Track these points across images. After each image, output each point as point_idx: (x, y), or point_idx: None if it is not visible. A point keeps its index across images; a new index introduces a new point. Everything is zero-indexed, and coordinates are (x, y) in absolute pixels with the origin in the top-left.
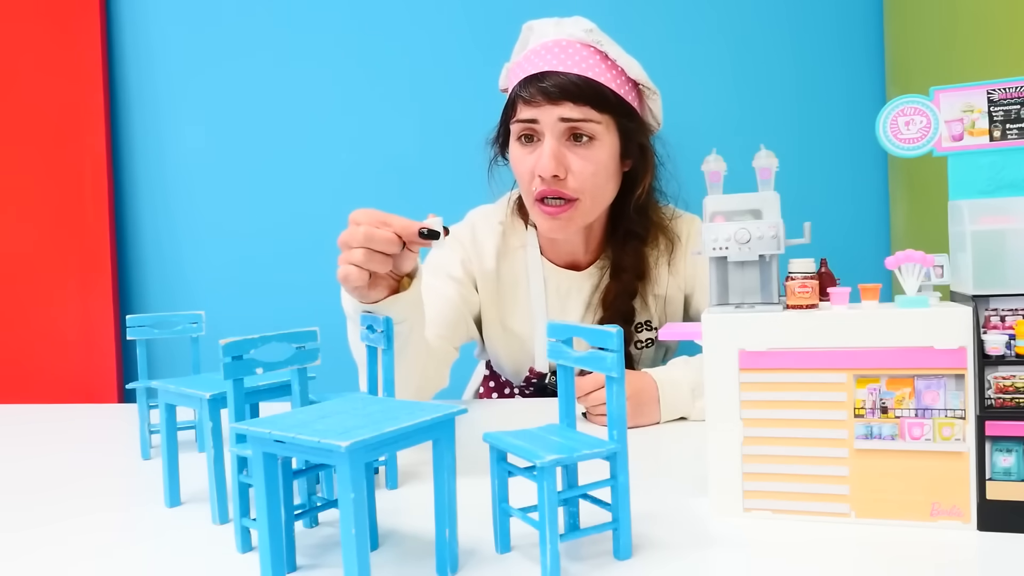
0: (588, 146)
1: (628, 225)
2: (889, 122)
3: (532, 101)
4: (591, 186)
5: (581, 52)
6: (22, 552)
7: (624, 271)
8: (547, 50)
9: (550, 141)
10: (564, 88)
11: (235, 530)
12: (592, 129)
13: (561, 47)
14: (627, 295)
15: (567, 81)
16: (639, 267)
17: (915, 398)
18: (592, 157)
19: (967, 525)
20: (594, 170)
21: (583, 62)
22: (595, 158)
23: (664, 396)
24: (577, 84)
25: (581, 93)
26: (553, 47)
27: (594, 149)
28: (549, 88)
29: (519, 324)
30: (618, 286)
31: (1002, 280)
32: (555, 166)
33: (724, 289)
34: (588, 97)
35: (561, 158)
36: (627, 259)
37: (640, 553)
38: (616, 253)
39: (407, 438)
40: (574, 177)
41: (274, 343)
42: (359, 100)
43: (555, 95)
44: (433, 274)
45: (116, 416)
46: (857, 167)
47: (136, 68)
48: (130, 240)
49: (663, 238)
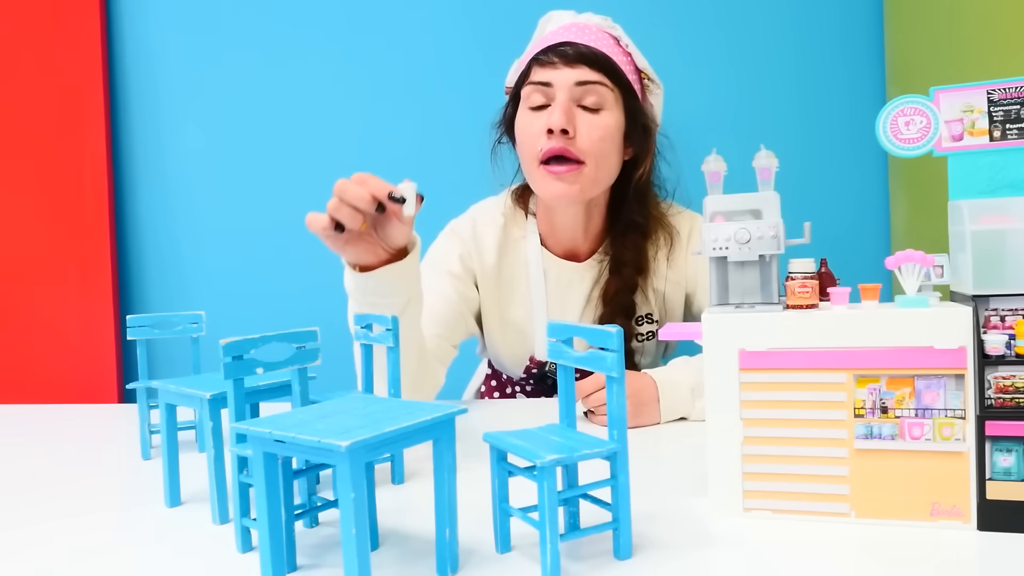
0: (597, 113)
1: (628, 215)
2: (889, 122)
3: (549, 63)
4: (597, 151)
5: (598, 33)
6: (22, 552)
7: (624, 265)
8: (565, 29)
9: (563, 99)
10: (582, 53)
11: (235, 530)
12: (603, 95)
13: (579, 27)
14: (628, 290)
15: (585, 48)
16: (639, 261)
17: (915, 398)
18: (600, 123)
19: (967, 525)
20: (601, 135)
21: (599, 41)
22: (603, 124)
23: (664, 397)
24: (594, 52)
25: (597, 59)
26: (571, 27)
27: (602, 116)
28: (568, 51)
29: (519, 315)
30: (619, 281)
31: (1002, 280)
32: (566, 120)
33: (724, 289)
34: (603, 65)
35: (572, 116)
36: (627, 253)
37: (640, 553)
38: (616, 247)
39: (407, 438)
40: (582, 138)
41: (274, 343)
42: (359, 100)
43: (572, 58)
44: (432, 271)
45: (116, 416)
46: (857, 167)
47: (136, 68)
48: (130, 240)
49: (663, 232)
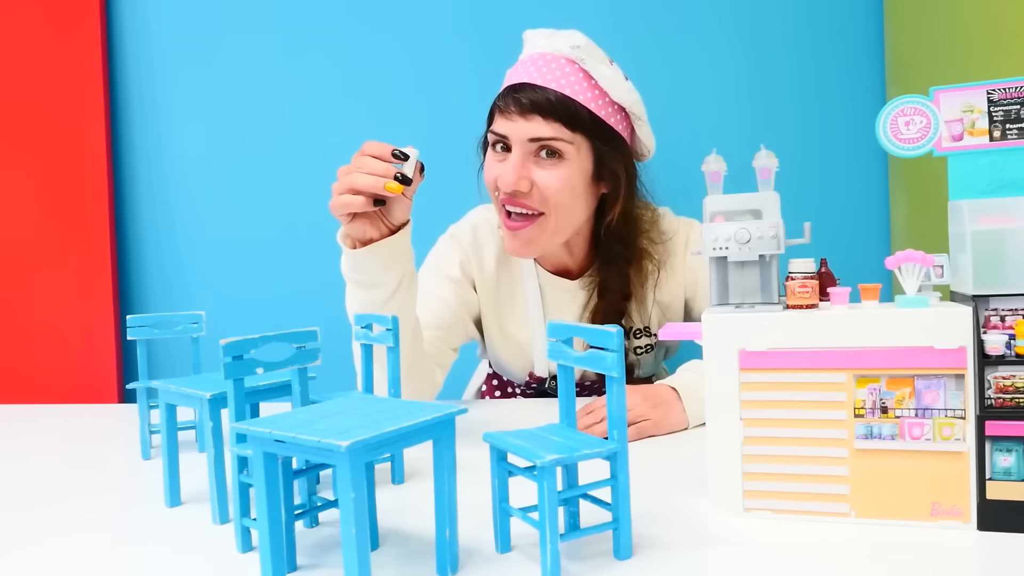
0: (556, 162)
1: (609, 248)
2: (889, 122)
3: (505, 111)
4: (556, 202)
5: (564, 68)
6: (22, 551)
7: (610, 292)
8: (532, 62)
9: (516, 155)
10: (536, 103)
11: (235, 530)
12: (561, 147)
13: (545, 61)
14: (616, 314)
15: (542, 97)
16: (625, 288)
17: (915, 398)
18: (558, 174)
19: (967, 525)
20: (560, 186)
21: (563, 78)
22: (561, 175)
23: (687, 401)
24: (551, 100)
25: (553, 109)
26: (538, 59)
27: (561, 166)
28: (523, 100)
29: (518, 330)
30: (606, 306)
31: (1002, 280)
32: (515, 180)
33: (724, 289)
34: (559, 114)
35: (526, 172)
36: (612, 281)
37: (640, 553)
38: (602, 274)
39: (407, 438)
40: (539, 191)
41: (274, 343)
42: (360, 100)
43: (527, 108)
44: (431, 275)
45: (116, 416)
46: (857, 167)
47: (136, 68)
48: (130, 240)
49: (650, 258)
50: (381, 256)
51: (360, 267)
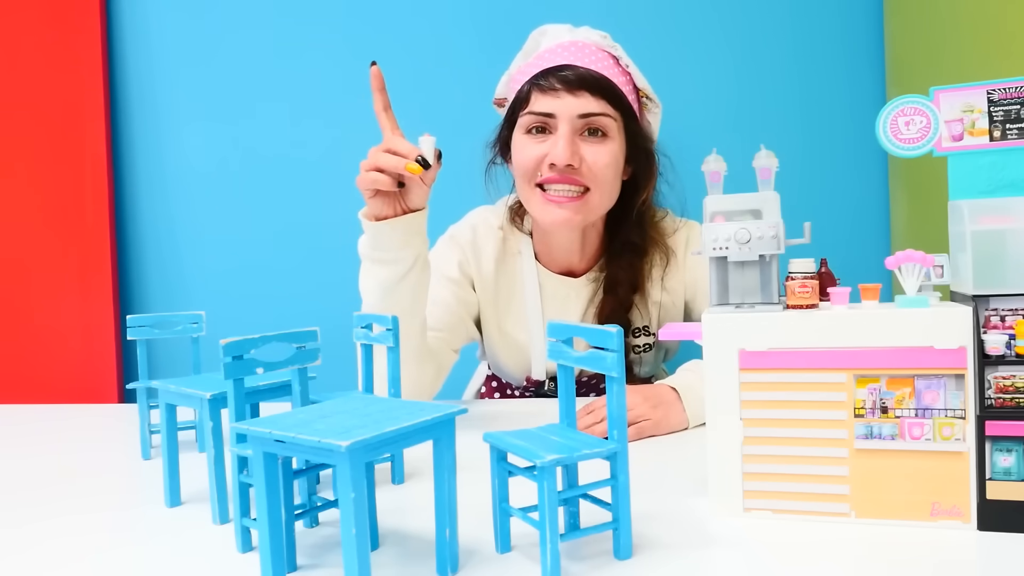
0: (601, 139)
1: (626, 236)
2: (889, 122)
3: (549, 90)
4: (603, 178)
5: (597, 53)
6: (22, 551)
7: (619, 285)
8: (563, 48)
9: (566, 131)
10: (584, 79)
11: (235, 530)
12: (607, 124)
13: (577, 47)
14: (623, 309)
15: (587, 73)
16: (635, 280)
17: (915, 398)
18: (604, 150)
19: (967, 525)
20: (607, 161)
21: (599, 62)
22: (607, 151)
23: (687, 401)
24: (596, 78)
25: (599, 86)
26: (569, 46)
27: (607, 143)
28: (570, 77)
29: (517, 331)
30: (614, 300)
31: (1002, 280)
32: (571, 155)
33: (724, 289)
34: (605, 91)
35: (576, 149)
36: (622, 273)
37: (640, 553)
38: (612, 267)
39: (407, 438)
40: (588, 167)
41: (274, 343)
42: (360, 100)
43: (575, 84)
44: (431, 276)
45: (116, 416)
46: (857, 167)
47: (136, 68)
48: (130, 240)
49: (659, 250)
50: (398, 231)
51: (379, 242)
